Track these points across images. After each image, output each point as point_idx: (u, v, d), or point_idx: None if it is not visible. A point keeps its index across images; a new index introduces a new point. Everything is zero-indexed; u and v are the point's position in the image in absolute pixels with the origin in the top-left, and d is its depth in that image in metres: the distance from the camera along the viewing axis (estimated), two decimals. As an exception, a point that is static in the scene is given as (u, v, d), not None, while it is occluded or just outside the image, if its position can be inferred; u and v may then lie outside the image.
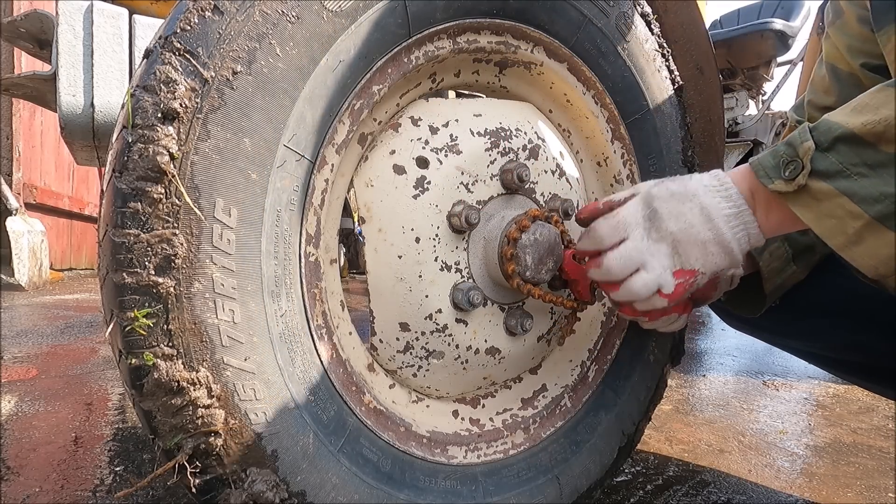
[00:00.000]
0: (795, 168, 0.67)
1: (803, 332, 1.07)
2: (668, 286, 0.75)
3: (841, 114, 0.68)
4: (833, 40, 0.95)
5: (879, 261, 0.66)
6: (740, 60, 3.52)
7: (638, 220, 0.75)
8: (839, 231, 0.66)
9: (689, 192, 0.73)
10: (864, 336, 0.98)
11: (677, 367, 1.91)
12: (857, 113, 0.66)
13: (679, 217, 0.73)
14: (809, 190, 0.67)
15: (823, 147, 0.66)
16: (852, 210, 0.64)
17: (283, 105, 0.67)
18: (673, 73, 1.06)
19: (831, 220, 0.66)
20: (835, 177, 0.65)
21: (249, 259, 0.66)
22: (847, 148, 0.65)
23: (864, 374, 1.08)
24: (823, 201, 0.66)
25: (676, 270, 0.74)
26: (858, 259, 0.67)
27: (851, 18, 0.90)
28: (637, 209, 0.75)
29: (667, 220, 0.73)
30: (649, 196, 0.76)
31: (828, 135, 0.66)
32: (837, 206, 0.65)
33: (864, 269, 0.67)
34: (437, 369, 0.87)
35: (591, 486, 0.99)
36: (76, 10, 1.03)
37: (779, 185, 0.68)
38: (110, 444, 1.43)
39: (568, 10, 0.90)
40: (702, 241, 0.72)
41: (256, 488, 0.66)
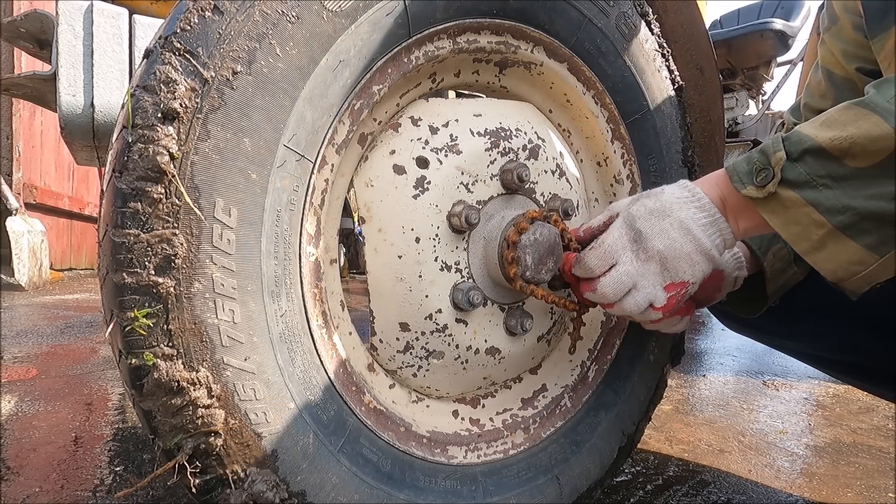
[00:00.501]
0: (767, 175, 0.70)
1: (801, 334, 1.07)
2: (660, 300, 0.78)
3: (811, 126, 0.71)
4: (828, 46, 0.97)
5: (838, 265, 0.70)
6: (740, 60, 3.52)
7: (625, 244, 0.77)
8: (804, 237, 0.70)
9: (666, 207, 0.76)
10: (862, 337, 0.98)
11: (677, 367, 1.91)
12: (826, 127, 0.69)
13: (662, 234, 0.75)
14: (778, 197, 0.70)
15: (793, 157, 0.69)
16: (816, 219, 0.68)
17: (283, 105, 0.67)
18: (673, 73, 1.06)
19: (797, 227, 0.70)
20: (802, 187, 0.68)
21: (249, 259, 0.66)
22: (814, 160, 0.68)
23: (862, 376, 1.08)
24: (791, 209, 0.69)
25: (667, 284, 0.77)
26: (820, 263, 0.71)
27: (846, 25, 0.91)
28: (622, 233, 0.77)
29: (652, 240, 0.75)
30: (630, 217, 0.77)
31: (798, 146, 0.69)
32: (803, 215, 0.69)
33: (824, 272, 0.72)
34: (437, 369, 0.87)
35: (591, 486, 0.99)
36: (76, 10, 1.02)
37: (750, 191, 0.71)
38: (110, 444, 1.43)
39: (568, 10, 0.90)
40: (686, 253, 0.75)
41: (256, 488, 0.66)
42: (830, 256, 0.70)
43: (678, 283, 0.77)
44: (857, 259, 0.69)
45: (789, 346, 1.15)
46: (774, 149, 0.71)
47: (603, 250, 0.78)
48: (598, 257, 0.78)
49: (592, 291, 0.80)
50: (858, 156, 0.66)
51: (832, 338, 1.03)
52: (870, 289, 0.75)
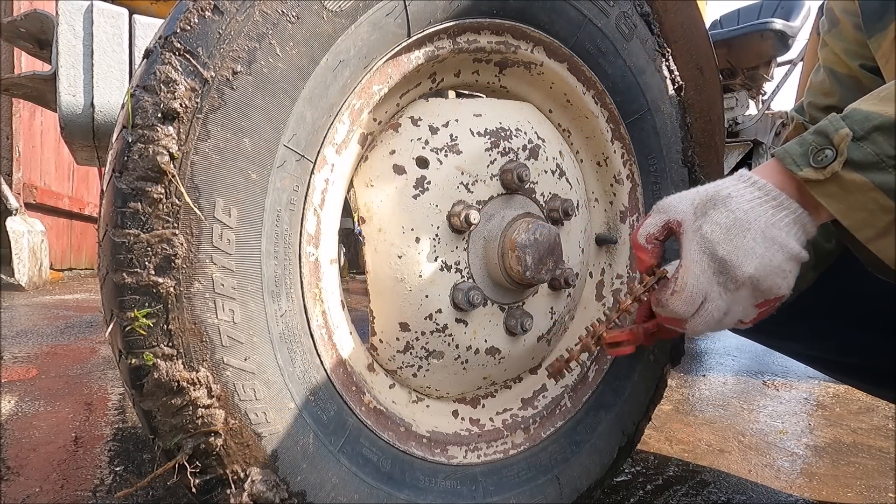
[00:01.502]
0: (828, 156, 0.65)
1: (801, 335, 1.07)
2: (749, 317, 0.74)
3: (873, 103, 0.66)
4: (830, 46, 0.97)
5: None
6: (740, 60, 3.52)
7: (710, 279, 0.70)
8: (869, 224, 0.65)
9: (742, 220, 0.68)
10: (862, 338, 0.98)
11: (677, 367, 1.91)
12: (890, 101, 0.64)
13: (750, 255, 0.68)
14: (841, 180, 0.64)
15: (859, 136, 0.64)
16: (885, 204, 0.63)
17: (283, 105, 0.67)
18: (673, 73, 1.06)
19: (862, 213, 0.65)
20: (869, 169, 0.63)
21: (249, 259, 0.66)
22: (884, 138, 0.63)
23: (862, 377, 1.08)
24: (855, 193, 0.64)
25: (760, 303, 0.72)
26: (885, 251, 0.66)
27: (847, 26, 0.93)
28: (704, 268, 0.70)
29: (742, 267, 0.68)
30: (707, 243, 0.69)
31: (864, 124, 0.64)
32: (870, 200, 0.64)
33: (888, 260, 0.67)
34: (437, 369, 0.87)
35: (591, 485, 0.99)
36: (76, 10, 1.02)
37: (808, 173, 0.66)
38: (110, 444, 1.43)
39: (568, 10, 0.90)
40: (778, 267, 0.69)
41: (256, 488, 0.66)
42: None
43: (771, 299, 0.72)
44: None
45: (789, 347, 1.14)
46: (835, 126, 0.66)
47: (688, 293, 0.71)
48: (684, 302, 0.71)
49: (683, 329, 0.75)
50: None
51: (832, 339, 1.03)
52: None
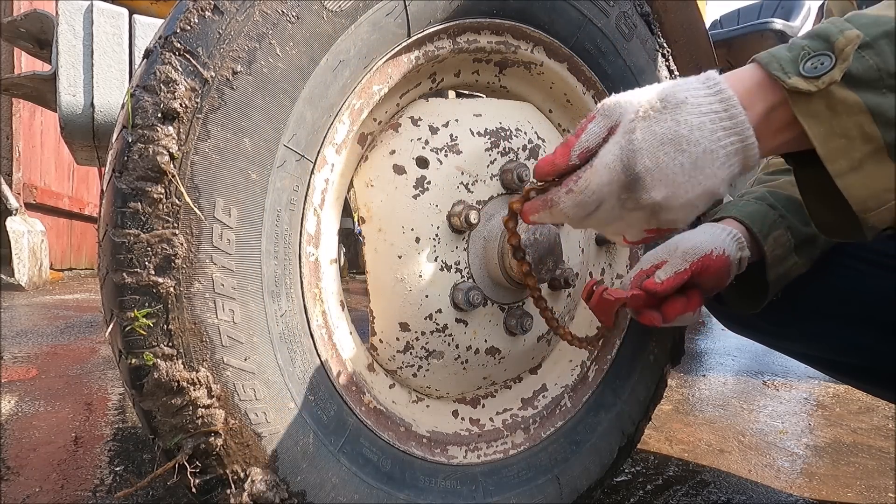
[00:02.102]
0: (823, 64, 0.55)
1: (802, 335, 1.06)
2: (634, 237, 0.66)
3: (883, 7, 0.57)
4: None
5: (871, 192, 0.57)
6: (740, 60, 3.51)
7: (613, 193, 0.59)
8: (844, 154, 0.56)
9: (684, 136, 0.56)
10: (863, 338, 0.98)
11: (677, 367, 1.91)
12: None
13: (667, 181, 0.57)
14: (831, 96, 0.55)
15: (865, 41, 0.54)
16: (869, 132, 0.55)
17: (283, 105, 0.67)
18: (673, 73, 1.06)
19: (840, 141, 0.56)
20: (866, 86, 0.54)
21: (249, 259, 0.66)
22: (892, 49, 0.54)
23: (863, 377, 1.07)
24: (842, 115, 0.55)
25: (650, 230, 0.64)
26: (852, 188, 0.57)
27: None
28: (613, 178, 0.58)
29: (651, 191, 0.57)
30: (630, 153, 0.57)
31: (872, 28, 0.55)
32: (855, 125, 0.55)
33: (853, 199, 0.58)
34: (437, 369, 0.87)
35: (591, 485, 0.99)
36: (76, 10, 1.02)
37: (798, 82, 0.55)
38: (110, 444, 1.43)
39: (568, 10, 0.90)
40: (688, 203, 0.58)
41: (256, 488, 0.66)
42: (866, 180, 0.56)
43: (664, 229, 0.63)
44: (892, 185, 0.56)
45: (789, 347, 1.14)
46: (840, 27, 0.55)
47: (585, 198, 0.60)
48: (577, 204, 0.61)
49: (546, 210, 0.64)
50: None
51: (832, 339, 1.03)
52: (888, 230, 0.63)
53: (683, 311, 0.86)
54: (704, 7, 3.04)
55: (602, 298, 0.86)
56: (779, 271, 0.94)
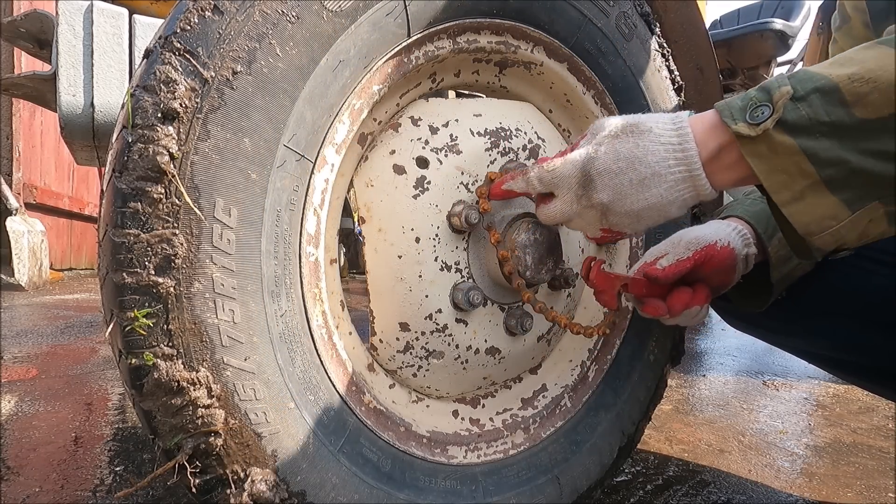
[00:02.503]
0: (763, 112, 0.65)
1: (804, 332, 1.07)
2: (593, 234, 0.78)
3: (822, 66, 0.66)
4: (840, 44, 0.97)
5: (813, 219, 0.67)
6: (740, 60, 3.51)
7: (570, 184, 0.72)
8: (786, 187, 0.66)
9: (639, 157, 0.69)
10: (866, 336, 0.98)
11: (677, 367, 1.91)
12: (841, 66, 0.64)
13: (613, 188, 0.69)
14: (770, 140, 0.64)
15: (799, 95, 0.64)
16: (805, 169, 0.64)
17: (283, 105, 0.67)
18: (673, 73, 1.06)
19: (782, 176, 0.65)
20: (799, 133, 0.63)
21: (249, 259, 0.66)
22: (821, 102, 0.63)
23: (865, 375, 1.08)
24: (781, 155, 0.65)
25: (604, 228, 0.75)
26: (795, 215, 0.67)
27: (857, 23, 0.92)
28: (575, 170, 0.71)
29: (599, 193, 0.70)
30: (592, 160, 0.70)
31: (807, 84, 0.64)
32: (792, 164, 0.64)
33: (797, 224, 0.68)
34: (437, 369, 0.87)
35: (591, 485, 0.99)
36: (76, 10, 1.02)
37: (741, 128, 0.65)
38: (110, 444, 1.43)
39: (568, 10, 0.90)
40: (632, 211, 0.70)
41: (256, 488, 0.66)
42: (807, 209, 0.66)
43: (615, 232, 0.75)
44: (831, 213, 0.66)
45: (792, 344, 1.15)
46: (779, 83, 0.65)
47: (550, 175, 0.73)
48: (539, 178, 0.74)
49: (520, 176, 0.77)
50: (871, 104, 0.61)
51: (835, 336, 1.03)
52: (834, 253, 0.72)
53: (689, 304, 0.85)
54: (704, 7, 3.04)
55: (601, 273, 0.85)
56: (783, 271, 0.95)
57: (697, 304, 0.86)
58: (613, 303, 0.86)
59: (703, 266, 0.85)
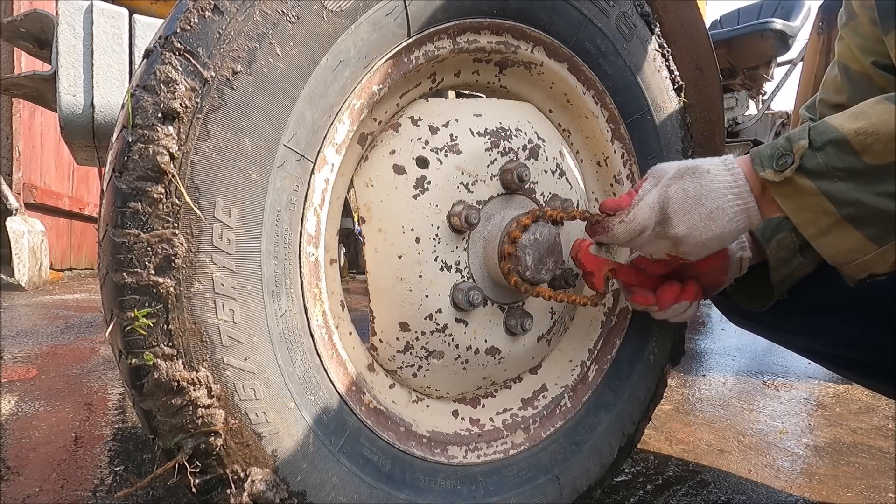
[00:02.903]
0: (787, 161, 0.75)
1: (806, 329, 1.07)
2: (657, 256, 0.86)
3: (840, 117, 0.75)
4: (846, 41, 0.98)
5: (839, 252, 0.77)
6: (740, 60, 3.51)
7: (651, 224, 0.81)
8: (812, 223, 0.76)
9: (704, 195, 0.78)
10: (867, 334, 0.98)
11: (677, 367, 1.90)
12: (853, 118, 0.73)
13: (687, 223, 0.79)
14: (794, 183, 0.75)
15: (816, 146, 0.74)
16: (827, 208, 0.74)
17: (283, 105, 0.67)
18: (673, 73, 1.06)
19: (808, 213, 0.76)
20: (818, 177, 0.73)
21: (249, 259, 0.66)
22: (835, 152, 0.73)
23: (867, 372, 1.08)
24: (804, 196, 0.75)
25: (670, 254, 0.84)
26: (824, 248, 0.78)
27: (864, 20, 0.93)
28: (652, 214, 0.80)
29: (676, 227, 0.79)
30: (666, 199, 0.80)
31: (823, 136, 0.74)
32: (815, 203, 0.74)
33: (826, 256, 0.79)
34: (437, 369, 0.87)
35: (591, 485, 0.99)
36: (76, 10, 1.02)
37: (768, 174, 0.76)
38: (110, 444, 1.43)
39: (568, 10, 0.90)
40: (702, 241, 0.79)
41: (256, 488, 0.66)
42: (834, 242, 0.76)
43: (680, 258, 0.84)
44: (857, 247, 0.76)
45: (792, 341, 1.15)
46: (799, 136, 0.75)
47: (632, 227, 0.82)
48: (627, 231, 0.83)
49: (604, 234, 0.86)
50: (877, 152, 0.70)
51: (837, 334, 1.03)
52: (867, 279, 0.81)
53: (678, 298, 0.90)
54: (704, 7, 3.04)
55: (590, 254, 0.89)
56: (783, 272, 0.96)
57: (686, 299, 0.91)
58: (601, 285, 0.90)
59: (695, 264, 0.89)
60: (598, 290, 0.90)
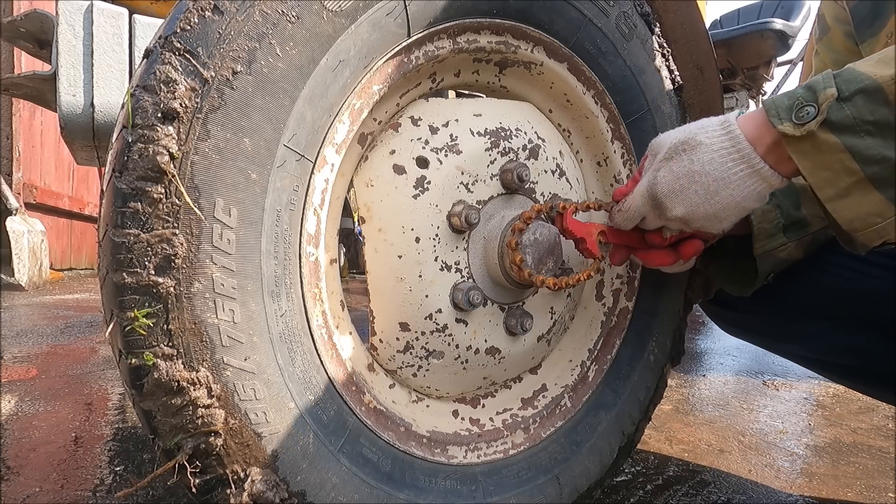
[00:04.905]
0: (809, 112, 0.67)
1: (799, 336, 1.06)
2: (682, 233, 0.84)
3: (867, 64, 0.67)
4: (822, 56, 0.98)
5: (857, 216, 0.69)
6: (740, 60, 3.52)
7: (648, 209, 0.80)
8: (831, 184, 0.69)
9: (697, 171, 0.73)
10: (861, 339, 0.98)
11: (677, 367, 1.91)
12: (886, 65, 0.65)
13: (684, 202, 0.75)
14: (815, 139, 0.67)
15: (844, 96, 0.66)
16: (850, 167, 0.66)
17: (283, 105, 0.67)
18: (673, 73, 1.06)
19: (826, 173, 0.68)
20: (844, 131, 0.65)
21: (249, 259, 0.66)
22: (865, 102, 0.65)
23: (861, 378, 1.07)
24: (826, 153, 0.67)
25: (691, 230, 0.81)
26: (840, 211, 0.70)
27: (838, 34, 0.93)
28: (644, 202, 0.79)
29: (673, 209, 0.76)
30: (654, 185, 0.77)
31: (852, 84, 0.66)
32: (837, 161, 0.67)
33: (841, 220, 0.71)
34: (437, 369, 0.87)
35: (591, 485, 0.99)
36: (76, 10, 1.02)
37: (786, 127, 0.68)
38: (110, 444, 1.43)
39: (568, 10, 0.90)
40: (710, 214, 0.75)
41: (256, 488, 0.66)
42: (851, 206, 0.69)
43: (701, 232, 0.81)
44: (877, 210, 0.68)
45: (785, 348, 1.14)
46: (825, 84, 0.67)
47: (629, 215, 0.82)
48: (626, 219, 0.83)
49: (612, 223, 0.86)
50: None
51: (828, 341, 1.02)
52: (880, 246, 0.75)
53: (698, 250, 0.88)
54: (704, 7, 3.04)
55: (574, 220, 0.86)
56: (766, 247, 0.94)
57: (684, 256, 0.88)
58: (596, 250, 0.87)
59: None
60: (594, 255, 0.87)
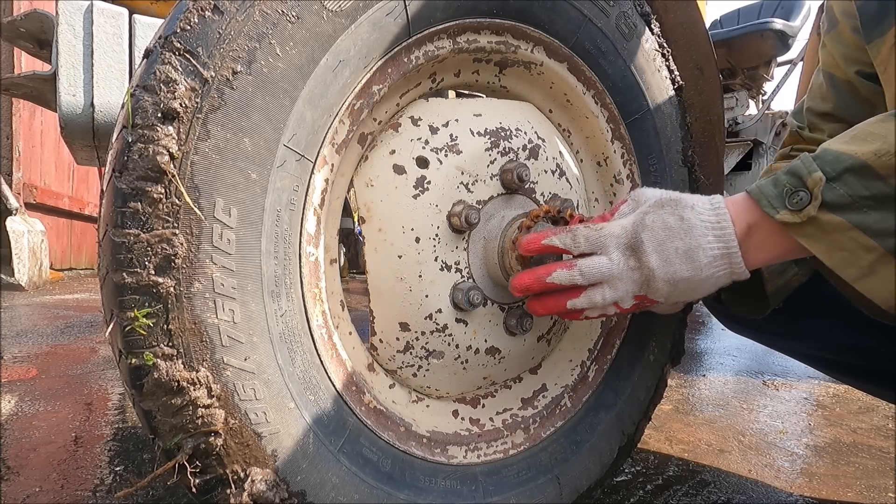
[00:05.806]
0: (803, 199, 0.66)
1: (802, 334, 1.06)
2: (626, 304, 0.76)
3: (843, 143, 0.67)
4: (829, 49, 0.97)
5: (891, 292, 0.65)
6: (740, 60, 3.52)
7: (620, 244, 0.74)
8: (852, 263, 0.66)
9: (684, 230, 0.71)
10: (863, 338, 0.98)
11: (677, 367, 1.91)
12: (863, 142, 0.65)
13: (662, 256, 0.71)
14: (819, 222, 0.65)
15: (831, 177, 0.65)
16: (865, 243, 0.64)
17: (283, 105, 0.67)
18: (673, 73, 1.06)
19: (843, 253, 0.65)
20: (845, 209, 0.64)
21: (249, 259, 0.66)
22: (855, 180, 0.64)
23: (863, 377, 1.07)
24: (834, 233, 0.65)
25: (639, 295, 0.75)
26: (873, 290, 0.66)
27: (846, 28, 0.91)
28: (625, 232, 0.74)
29: (649, 256, 0.72)
30: (643, 226, 0.73)
31: (835, 165, 0.65)
32: (849, 239, 0.65)
33: (878, 300, 0.67)
34: (437, 369, 0.87)
35: (591, 485, 0.99)
36: (76, 10, 1.02)
37: (785, 216, 0.67)
38: (110, 444, 1.43)
39: (568, 10, 0.90)
40: (677, 279, 0.72)
41: (256, 488, 0.66)
42: (883, 282, 0.65)
43: (650, 299, 0.75)
44: None
45: (789, 346, 1.14)
46: (808, 168, 0.66)
47: (598, 235, 0.74)
48: (587, 238, 0.75)
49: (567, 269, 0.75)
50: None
51: (832, 339, 1.03)
52: None
53: None
54: (704, 7, 3.04)
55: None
56: (777, 284, 0.96)
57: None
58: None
59: None
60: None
